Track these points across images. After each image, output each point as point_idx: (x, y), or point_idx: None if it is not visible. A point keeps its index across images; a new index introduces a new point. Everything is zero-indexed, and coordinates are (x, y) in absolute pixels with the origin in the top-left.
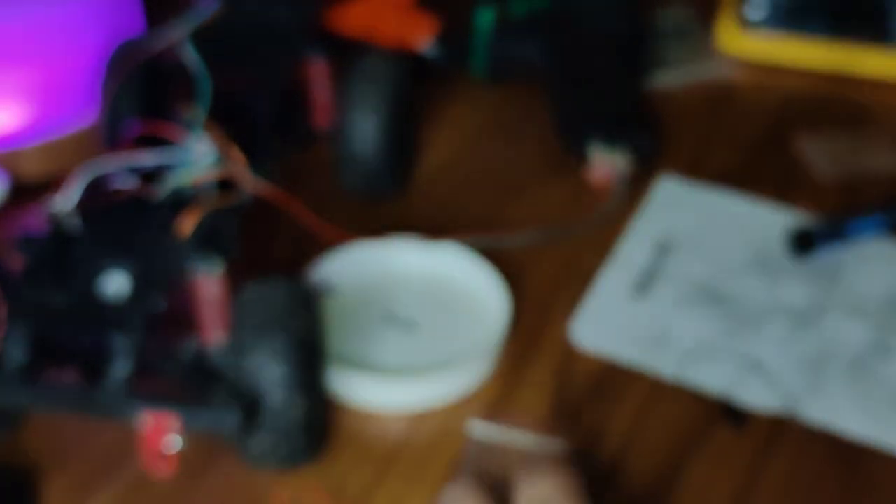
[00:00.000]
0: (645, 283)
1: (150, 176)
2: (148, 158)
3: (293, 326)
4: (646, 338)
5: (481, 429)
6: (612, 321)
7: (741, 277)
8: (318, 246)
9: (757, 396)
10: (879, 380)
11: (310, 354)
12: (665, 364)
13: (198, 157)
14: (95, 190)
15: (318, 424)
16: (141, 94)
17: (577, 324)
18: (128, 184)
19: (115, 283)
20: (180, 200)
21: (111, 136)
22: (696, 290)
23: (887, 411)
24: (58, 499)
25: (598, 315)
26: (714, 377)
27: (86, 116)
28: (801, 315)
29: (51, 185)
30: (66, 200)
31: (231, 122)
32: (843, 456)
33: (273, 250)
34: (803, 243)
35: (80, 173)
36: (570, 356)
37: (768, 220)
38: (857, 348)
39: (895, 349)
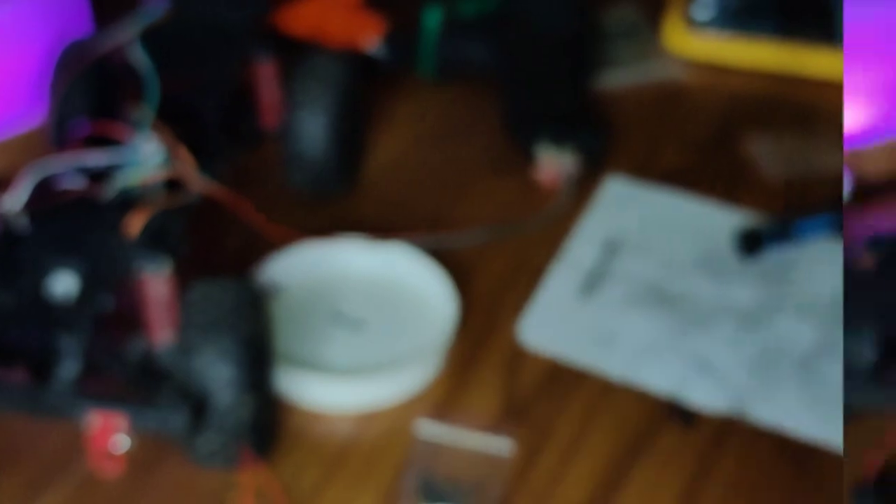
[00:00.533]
0: (593, 283)
1: (99, 176)
2: (96, 158)
3: (241, 326)
4: (594, 337)
5: (429, 428)
6: (560, 321)
7: (689, 277)
8: (266, 246)
9: (705, 396)
10: (827, 379)
11: (258, 354)
12: (613, 364)
13: (146, 157)
14: (43, 190)
15: (266, 424)
16: (89, 94)
17: (525, 323)
18: (76, 184)
19: (63, 283)
20: (128, 200)
21: (59, 136)
22: (645, 289)
23: (834, 410)
24: (6, 498)
25: (546, 314)
26: (662, 377)
27: (34, 116)
28: (749, 315)
29: None
30: (13, 200)
31: (179, 123)
32: (791, 455)
33: (221, 250)
34: (751, 243)
35: (27, 173)
36: (517, 356)
37: (716, 221)
38: (804, 348)
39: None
